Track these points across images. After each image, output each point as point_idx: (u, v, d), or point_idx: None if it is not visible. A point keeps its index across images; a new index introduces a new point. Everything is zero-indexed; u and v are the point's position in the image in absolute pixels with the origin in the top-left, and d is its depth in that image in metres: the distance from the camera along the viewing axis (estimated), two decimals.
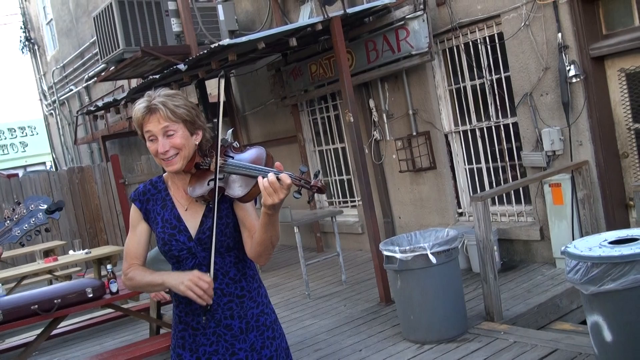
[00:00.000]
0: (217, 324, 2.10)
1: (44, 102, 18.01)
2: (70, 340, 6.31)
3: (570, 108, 5.48)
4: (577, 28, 5.34)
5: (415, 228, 7.03)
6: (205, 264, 2.07)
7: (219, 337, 2.11)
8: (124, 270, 2.16)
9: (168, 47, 7.80)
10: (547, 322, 4.97)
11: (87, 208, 11.26)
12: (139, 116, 2.03)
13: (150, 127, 2.02)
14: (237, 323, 2.12)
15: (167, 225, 2.11)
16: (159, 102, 2.02)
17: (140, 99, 2.07)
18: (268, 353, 2.17)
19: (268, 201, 1.84)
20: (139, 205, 2.16)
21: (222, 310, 2.10)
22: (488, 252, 4.60)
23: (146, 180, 2.24)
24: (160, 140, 2.01)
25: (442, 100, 6.77)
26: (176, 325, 2.16)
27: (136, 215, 2.17)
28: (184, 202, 2.13)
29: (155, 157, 2.04)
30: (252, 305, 2.15)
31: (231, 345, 2.11)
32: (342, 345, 4.83)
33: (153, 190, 2.17)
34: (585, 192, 5.45)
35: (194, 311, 2.10)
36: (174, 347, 2.17)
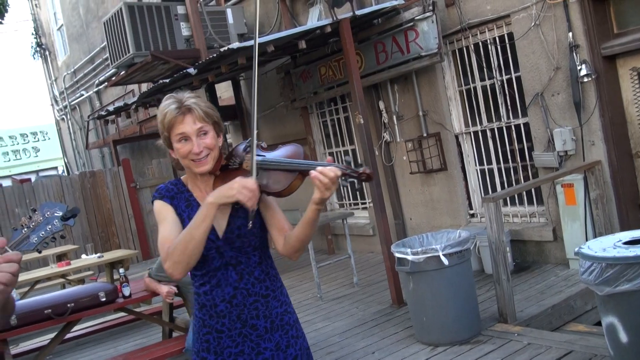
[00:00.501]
0: (243, 324, 2.11)
1: (55, 107, 18.15)
2: (83, 344, 6.34)
3: (582, 108, 5.44)
4: (588, 27, 5.31)
5: (426, 229, 7.01)
6: (232, 264, 2.09)
7: (244, 337, 2.11)
8: (164, 256, 1.98)
9: (178, 51, 7.83)
10: (561, 324, 4.94)
11: (99, 212, 11.32)
12: (170, 117, 2.03)
13: (184, 128, 2.02)
14: (263, 323, 2.12)
15: None
16: (192, 103, 2.04)
17: (166, 102, 2.07)
18: (293, 352, 2.18)
19: (323, 195, 1.90)
20: (169, 200, 2.11)
21: (249, 310, 2.11)
22: (500, 253, 4.57)
23: (161, 183, 2.23)
24: (194, 141, 2.03)
25: (452, 101, 6.74)
26: (200, 329, 2.14)
27: (166, 208, 2.10)
28: None
29: (184, 158, 2.04)
30: (277, 304, 2.17)
31: (257, 345, 2.12)
32: (354, 348, 4.82)
33: (175, 190, 2.15)
34: (598, 192, 5.41)
35: (219, 313, 2.10)
36: (198, 351, 2.15)
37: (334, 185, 1.90)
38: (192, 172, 2.13)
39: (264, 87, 9.06)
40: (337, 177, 1.89)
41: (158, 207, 2.11)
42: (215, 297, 2.09)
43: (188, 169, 2.10)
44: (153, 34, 7.72)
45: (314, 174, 1.90)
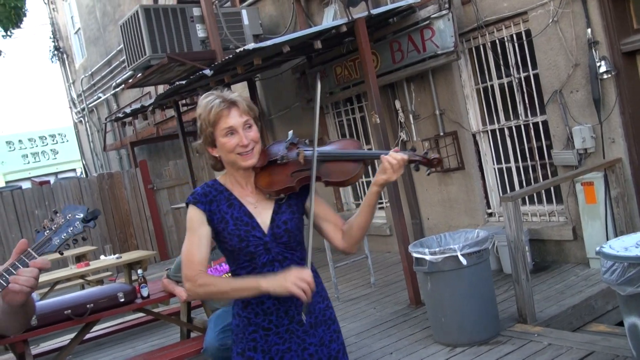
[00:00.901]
0: (291, 320, 2.12)
1: (73, 110, 18.34)
2: (102, 344, 6.39)
3: (602, 105, 5.37)
4: (607, 23, 5.23)
5: (444, 229, 6.96)
6: (278, 260, 2.10)
7: (291, 334, 2.12)
8: (190, 276, 2.03)
9: (194, 53, 7.87)
10: (581, 324, 4.87)
11: (117, 213, 11.42)
12: (217, 111, 2.04)
13: (231, 122, 2.04)
14: (308, 318, 2.13)
15: (240, 223, 2.09)
16: (236, 97, 2.08)
17: (207, 98, 2.08)
18: (336, 347, 2.21)
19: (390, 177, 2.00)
20: (203, 207, 2.09)
21: (295, 306, 2.12)
22: (519, 253, 4.52)
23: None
24: (241, 133, 2.05)
25: (469, 99, 6.69)
26: (245, 327, 2.13)
27: (198, 217, 2.08)
28: (251, 199, 2.14)
29: (231, 152, 2.05)
30: (319, 300, 2.19)
31: (302, 340, 2.13)
32: (372, 349, 4.79)
33: (214, 192, 2.13)
34: (619, 190, 5.33)
35: (265, 311, 2.10)
36: (244, 350, 2.13)
37: (401, 169, 2.01)
38: (233, 169, 2.13)
39: (280, 88, 9.07)
40: (405, 161, 2.01)
41: (191, 215, 2.10)
42: (262, 294, 2.07)
43: (233, 164, 2.10)
44: (169, 36, 7.76)
45: (385, 157, 2.01)
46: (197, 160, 11.93)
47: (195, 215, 2.09)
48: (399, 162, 2.00)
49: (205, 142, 2.10)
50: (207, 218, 2.09)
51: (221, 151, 2.08)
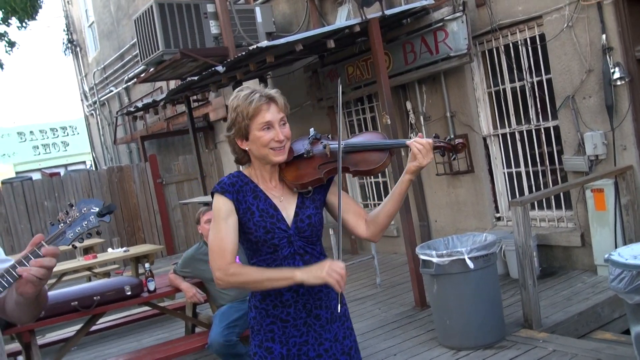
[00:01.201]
0: (308, 313, 2.15)
1: (85, 103, 18.43)
2: (107, 337, 6.42)
3: (615, 111, 5.33)
4: (622, 29, 5.20)
5: (451, 232, 6.94)
6: (299, 253, 2.14)
7: (309, 327, 2.15)
8: (221, 266, 2.05)
9: (206, 49, 7.89)
10: (587, 331, 4.84)
11: (125, 207, 11.47)
12: (257, 105, 2.07)
13: (270, 116, 2.08)
14: (324, 313, 2.17)
15: (266, 215, 2.12)
16: (275, 93, 2.12)
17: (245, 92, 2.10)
18: (349, 343, 2.23)
19: (421, 162, 2.05)
20: (231, 196, 2.11)
21: (314, 300, 2.15)
22: (527, 258, 4.50)
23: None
24: (277, 129, 2.09)
25: (480, 102, 6.67)
26: (262, 319, 2.16)
27: (227, 206, 2.11)
28: (276, 193, 2.18)
29: (265, 146, 2.08)
30: (335, 295, 2.21)
31: (319, 335, 2.16)
32: (376, 349, 4.79)
33: (240, 182, 2.16)
34: (629, 197, 5.30)
35: (284, 303, 2.13)
36: (261, 341, 2.16)
37: (430, 153, 2.06)
38: (261, 163, 2.16)
39: (291, 86, 9.07)
40: (431, 145, 2.07)
41: (219, 204, 2.12)
42: (282, 286, 2.10)
43: (263, 158, 2.12)
44: (182, 31, 7.79)
45: (411, 142, 2.07)
46: (206, 156, 11.97)
47: (223, 204, 2.11)
48: (425, 147, 2.06)
49: (237, 134, 2.12)
50: (235, 207, 2.11)
51: (254, 144, 2.10)
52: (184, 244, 11.50)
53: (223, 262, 2.05)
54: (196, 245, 4.86)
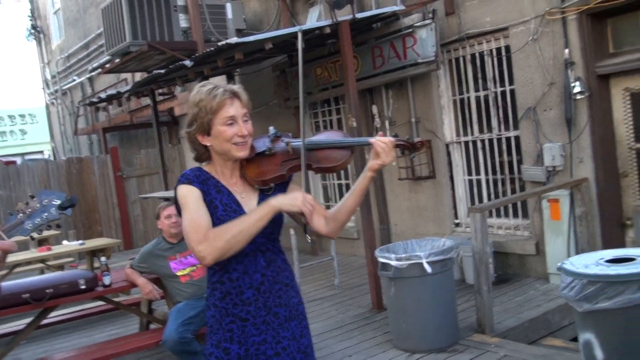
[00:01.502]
0: (268, 311, 2.14)
1: (46, 91, 18.01)
2: (59, 331, 6.28)
3: (573, 124, 5.48)
4: (584, 45, 5.35)
5: (411, 236, 7.01)
6: (261, 250, 2.13)
7: (267, 325, 2.14)
8: (200, 239, 1.97)
9: (175, 43, 7.79)
10: (537, 338, 4.96)
11: (83, 199, 11.23)
12: (221, 99, 2.06)
13: (234, 111, 2.08)
14: (283, 311, 2.17)
15: (229, 209, 2.11)
16: (238, 89, 2.12)
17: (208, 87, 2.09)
18: (306, 342, 2.24)
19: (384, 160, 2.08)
20: (199, 186, 2.09)
21: (273, 298, 2.15)
22: (483, 264, 4.59)
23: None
24: (241, 124, 2.09)
25: (445, 109, 6.76)
26: (222, 318, 2.13)
27: (196, 193, 2.08)
28: (237, 189, 2.17)
29: (228, 141, 2.07)
30: (294, 294, 2.23)
31: (277, 333, 2.15)
32: (332, 350, 4.81)
33: (203, 176, 2.14)
34: (583, 209, 5.45)
35: (244, 301, 2.11)
36: (219, 341, 2.13)
37: (392, 151, 2.10)
38: (222, 159, 2.14)
39: (259, 84, 9.03)
40: (393, 143, 2.11)
41: (186, 191, 2.08)
42: (242, 285, 2.10)
43: (225, 154, 2.11)
44: (151, 23, 7.68)
45: (373, 140, 2.10)
46: (169, 150, 11.82)
47: (191, 191, 2.08)
48: (388, 145, 2.09)
49: (199, 129, 2.10)
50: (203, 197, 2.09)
51: (216, 140, 2.09)
52: (143, 239, 11.32)
53: (200, 235, 1.98)
54: (155, 241, 4.80)
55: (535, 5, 5.59)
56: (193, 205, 2.05)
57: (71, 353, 4.57)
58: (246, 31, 8.60)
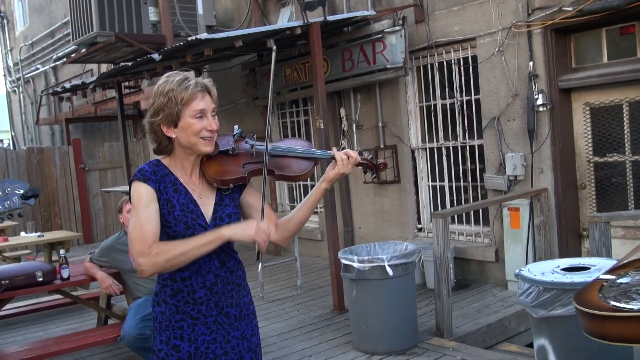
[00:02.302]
0: (219, 312, 2.13)
1: (7, 78, 17.55)
2: (12, 324, 6.13)
3: (535, 136, 5.62)
4: (548, 59, 5.49)
5: (374, 239, 7.08)
6: (216, 251, 2.08)
7: (219, 325, 2.13)
8: (143, 250, 1.94)
9: (143, 36, 7.70)
10: (494, 343, 5.06)
11: (43, 191, 10.96)
12: (193, 92, 2.02)
13: (205, 105, 2.05)
14: (234, 311, 2.17)
15: (186, 210, 2.07)
16: (209, 83, 2.09)
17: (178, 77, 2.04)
18: (256, 341, 2.25)
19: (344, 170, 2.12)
20: (154, 185, 2.03)
21: (225, 298, 2.14)
22: (444, 269, 4.66)
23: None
24: (210, 119, 2.06)
25: (412, 115, 6.85)
26: (172, 315, 2.10)
27: (149, 194, 2.02)
28: (196, 188, 2.13)
29: (196, 135, 2.03)
30: (244, 293, 2.23)
31: (227, 332, 2.15)
32: (291, 350, 4.82)
33: (161, 172, 2.08)
34: (542, 218, 5.59)
35: (196, 300, 2.09)
36: (169, 338, 2.10)
37: (352, 165, 2.15)
38: (185, 153, 2.09)
39: (227, 82, 8.99)
40: (357, 160, 2.16)
41: (140, 191, 2.02)
42: (195, 284, 2.08)
43: (190, 148, 2.06)
44: (119, 14, 7.57)
45: (336, 152, 2.14)
46: (133, 144, 11.66)
47: (145, 191, 2.02)
48: (350, 158, 2.14)
49: (165, 119, 2.03)
50: (157, 196, 2.04)
51: (183, 132, 2.03)
52: (103, 234, 11.14)
53: (144, 246, 1.95)
54: (116, 235, 4.73)
55: (503, 17, 5.72)
56: (144, 209, 2.00)
57: (25, 347, 4.47)
58: (216, 28, 8.56)
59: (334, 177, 2.14)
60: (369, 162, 2.22)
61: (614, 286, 2.01)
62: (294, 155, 2.18)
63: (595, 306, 1.92)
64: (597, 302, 1.94)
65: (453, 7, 6.13)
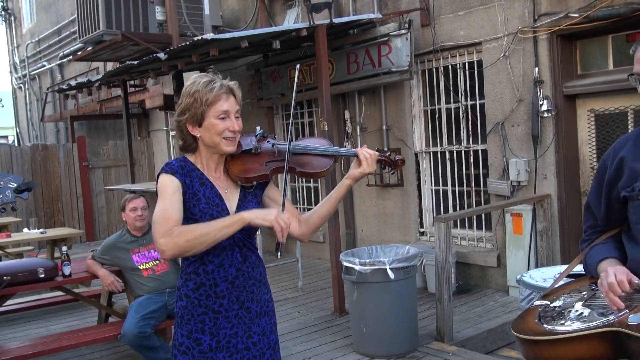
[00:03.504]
0: (240, 306, 2.17)
1: (14, 75, 17.60)
2: (14, 320, 6.14)
3: (539, 141, 5.61)
4: (553, 65, 5.48)
5: (376, 242, 7.08)
6: (238, 245, 2.16)
7: (240, 319, 2.17)
8: (165, 231, 1.96)
9: (149, 35, 7.72)
10: (494, 348, 5.05)
11: (46, 187, 11.02)
12: (218, 93, 2.08)
13: (229, 106, 2.11)
14: (255, 307, 2.21)
15: (212, 203, 2.13)
16: (234, 85, 2.15)
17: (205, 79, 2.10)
18: (274, 338, 2.29)
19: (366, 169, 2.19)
20: (181, 178, 2.10)
21: (247, 293, 2.18)
22: (445, 273, 4.66)
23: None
24: (233, 120, 2.12)
25: (416, 119, 6.85)
26: (194, 309, 2.14)
27: (175, 184, 2.08)
28: (221, 184, 2.19)
29: (219, 135, 2.09)
30: (265, 290, 2.27)
31: (248, 328, 2.19)
32: (292, 352, 4.82)
33: (188, 167, 2.15)
34: (544, 224, 5.58)
35: (218, 294, 2.13)
36: (190, 331, 2.14)
37: (374, 163, 2.23)
38: (210, 152, 2.16)
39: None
40: (377, 156, 2.24)
41: (166, 181, 2.09)
42: (217, 277, 2.13)
43: (214, 147, 2.13)
44: (126, 13, 7.59)
45: (359, 150, 2.23)
46: (138, 143, 11.68)
47: (171, 182, 2.09)
48: (372, 156, 2.22)
49: (190, 119, 2.11)
50: (182, 190, 2.10)
51: (207, 132, 2.11)
52: (106, 232, 11.15)
53: (166, 228, 1.97)
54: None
55: (509, 23, 5.72)
56: (169, 196, 2.06)
57: (26, 343, 4.48)
58: (222, 28, 8.58)
59: (359, 175, 2.21)
60: (387, 158, 2.29)
61: (548, 311, 2.02)
62: (314, 153, 2.25)
63: (532, 331, 1.92)
64: (533, 327, 1.95)
65: (459, 12, 6.13)
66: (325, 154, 2.25)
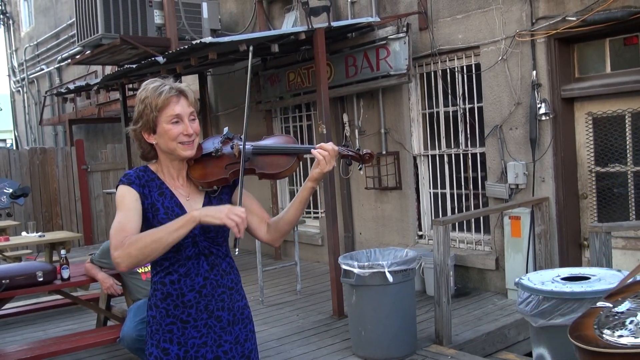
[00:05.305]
0: (210, 315, 2.11)
1: (12, 79, 17.60)
2: (12, 324, 6.13)
3: (537, 145, 5.62)
4: (551, 68, 5.50)
5: (374, 245, 7.08)
6: (204, 254, 2.10)
7: (209, 328, 2.11)
8: (117, 243, 1.90)
9: (148, 38, 7.73)
10: (493, 351, 5.06)
11: (45, 191, 11.01)
12: (166, 97, 2.02)
13: (180, 109, 2.04)
14: (226, 315, 2.14)
15: (170, 213, 2.06)
16: (185, 87, 2.08)
17: (154, 84, 2.05)
18: (250, 346, 2.22)
19: (323, 168, 2.06)
20: (138, 188, 2.05)
21: (216, 302, 2.12)
22: (444, 276, 4.66)
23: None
24: (187, 123, 2.05)
25: (414, 122, 6.86)
26: (162, 319, 2.10)
27: (132, 195, 2.03)
28: (183, 191, 2.13)
29: (173, 140, 2.03)
30: (239, 297, 2.21)
31: (219, 337, 2.13)
32: (290, 355, 4.82)
33: (146, 177, 2.10)
34: (543, 227, 5.59)
35: (186, 303, 2.08)
36: (158, 341, 2.10)
37: (333, 159, 2.08)
38: (168, 159, 2.11)
39: (231, 86, 9.02)
40: (336, 152, 2.08)
41: (123, 192, 2.04)
42: (184, 287, 2.07)
43: (171, 153, 2.07)
44: (125, 17, 7.60)
45: (314, 150, 2.08)
46: (135, 146, 11.66)
47: (128, 193, 2.04)
48: (329, 153, 2.07)
49: (144, 127, 2.06)
50: (140, 200, 2.05)
51: (162, 138, 2.05)
52: (104, 235, 11.15)
53: (119, 240, 1.91)
54: None
55: (506, 26, 5.74)
56: (125, 208, 2.01)
57: (24, 347, 4.47)
58: (221, 32, 8.59)
59: (318, 176, 2.09)
60: (354, 153, 2.14)
61: (609, 316, 2.01)
62: (275, 152, 2.15)
63: (590, 340, 1.92)
64: (592, 335, 1.94)
65: (457, 15, 6.15)
66: (285, 152, 2.15)
